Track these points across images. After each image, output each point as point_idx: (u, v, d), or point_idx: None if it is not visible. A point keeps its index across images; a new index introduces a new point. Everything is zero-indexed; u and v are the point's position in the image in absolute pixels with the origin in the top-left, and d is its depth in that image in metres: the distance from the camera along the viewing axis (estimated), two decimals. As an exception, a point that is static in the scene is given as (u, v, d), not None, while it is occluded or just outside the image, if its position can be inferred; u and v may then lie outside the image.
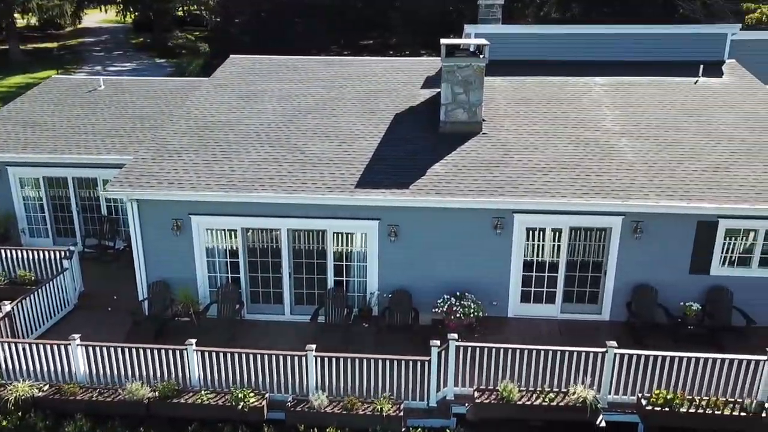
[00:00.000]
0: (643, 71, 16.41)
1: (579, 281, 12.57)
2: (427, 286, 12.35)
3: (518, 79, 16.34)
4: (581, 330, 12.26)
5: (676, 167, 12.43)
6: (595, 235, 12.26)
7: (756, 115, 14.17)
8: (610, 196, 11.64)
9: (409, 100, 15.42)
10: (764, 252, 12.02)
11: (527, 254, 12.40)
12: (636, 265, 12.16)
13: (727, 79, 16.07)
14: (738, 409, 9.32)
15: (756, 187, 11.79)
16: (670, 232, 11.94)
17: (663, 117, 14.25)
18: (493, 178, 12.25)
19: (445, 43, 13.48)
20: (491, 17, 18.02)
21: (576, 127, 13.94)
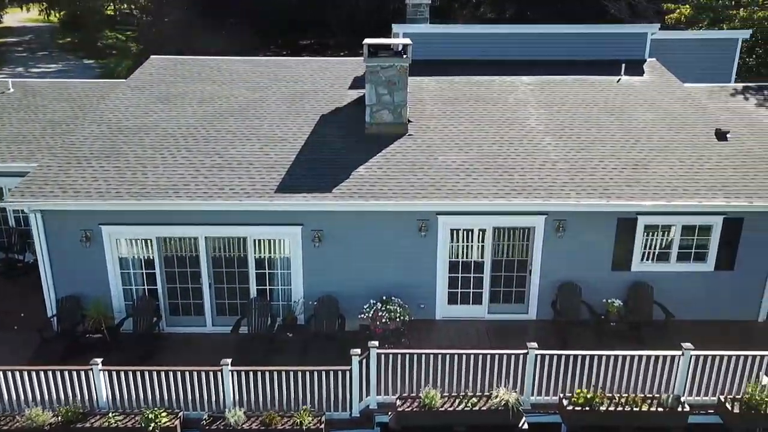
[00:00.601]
0: (569, 70, 16.62)
1: (505, 281, 12.56)
2: (354, 292, 12.07)
3: (446, 78, 16.25)
4: (508, 330, 12.25)
5: (596, 165, 12.57)
6: (519, 234, 12.27)
7: (673, 113, 14.51)
8: (532, 196, 11.65)
9: (336, 101, 15.10)
10: (682, 247, 12.28)
11: (453, 255, 12.30)
12: (560, 264, 12.23)
13: (648, 77, 16.44)
14: (656, 404, 9.43)
15: (672, 184, 12.04)
16: (592, 229, 12.06)
17: (586, 115, 14.43)
18: (416, 180, 12.07)
19: (368, 43, 13.22)
20: (419, 17, 17.92)
21: (501, 126, 13.94)
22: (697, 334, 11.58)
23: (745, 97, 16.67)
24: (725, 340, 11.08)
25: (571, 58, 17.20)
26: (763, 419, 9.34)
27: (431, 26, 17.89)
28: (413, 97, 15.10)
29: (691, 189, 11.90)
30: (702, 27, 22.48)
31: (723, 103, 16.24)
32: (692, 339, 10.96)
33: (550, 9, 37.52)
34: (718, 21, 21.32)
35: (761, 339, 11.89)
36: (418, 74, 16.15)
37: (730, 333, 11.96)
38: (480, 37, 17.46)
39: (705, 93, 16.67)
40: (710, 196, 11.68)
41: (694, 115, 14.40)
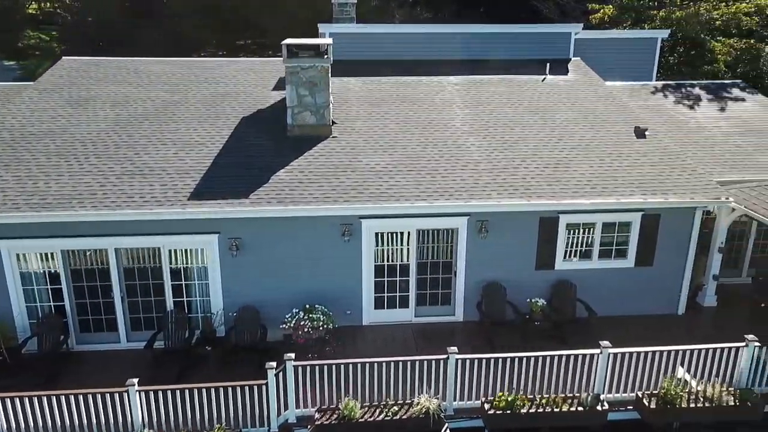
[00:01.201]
0: (497, 70, 16.68)
1: (431, 284, 12.41)
2: (277, 301, 11.68)
3: (373, 79, 16.02)
4: (436, 333, 12.11)
5: (519, 165, 12.58)
6: (444, 236, 12.15)
7: (595, 111, 14.72)
8: (453, 198, 11.53)
9: (259, 102, 14.63)
10: (603, 244, 12.43)
11: (378, 259, 12.06)
12: (484, 264, 12.17)
13: (572, 76, 16.66)
14: (576, 404, 9.43)
15: (592, 182, 12.15)
16: (515, 229, 12.05)
17: (510, 115, 14.46)
18: (339, 183, 11.77)
19: (287, 44, 12.83)
20: (345, 16, 17.63)
21: (426, 127, 13.80)
22: (620, 330, 11.79)
23: (664, 94, 17.13)
24: (647, 335, 11.31)
25: (499, 58, 17.29)
26: (679, 413, 9.48)
27: (358, 26, 17.62)
28: (339, 98, 14.82)
29: (609, 187, 12.05)
30: (626, 27, 23.04)
31: (643, 101, 16.63)
32: (615, 335, 11.10)
33: (485, 9, 37.95)
34: (641, 21, 21.91)
35: (681, 332, 12.16)
36: (344, 75, 15.93)
37: (652, 327, 12.20)
38: (407, 37, 17.33)
39: (626, 91, 17.05)
40: (628, 194, 11.85)
41: (615, 114, 14.64)
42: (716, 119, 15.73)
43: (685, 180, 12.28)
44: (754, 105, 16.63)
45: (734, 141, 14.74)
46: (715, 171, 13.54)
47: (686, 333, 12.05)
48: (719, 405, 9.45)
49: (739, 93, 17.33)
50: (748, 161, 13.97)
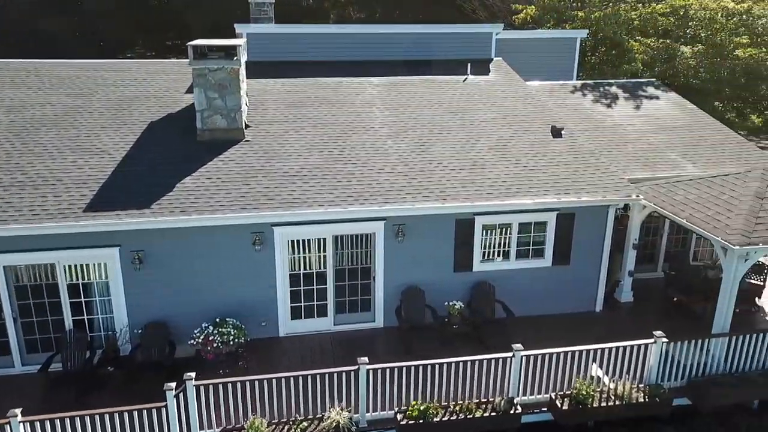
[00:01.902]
0: (419, 70, 16.53)
1: (350, 290, 12.11)
2: (187, 315, 11.13)
3: (293, 80, 15.58)
4: (356, 341, 11.82)
5: (435, 167, 12.43)
6: (361, 241, 11.86)
7: (513, 111, 14.76)
8: (369, 202, 11.26)
9: (169, 106, 13.96)
10: (521, 244, 12.43)
11: (293, 268, 11.67)
12: (403, 268, 11.97)
13: (493, 76, 16.69)
14: (490, 409, 9.31)
15: (506, 182, 12.13)
16: (432, 232, 11.89)
17: (430, 116, 14.32)
18: (249, 189, 11.30)
19: (193, 45, 12.26)
20: (263, 16, 17.11)
21: (344, 130, 13.49)
22: (539, 330, 11.85)
23: (582, 93, 17.39)
24: (566, 334, 11.36)
25: (422, 58, 17.17)
26: (591, 413, 9.51)
27: (276, 26, 17.13)
28: (255, 100, 14.33)
29: (524, 187, 12.05)
30: (549, 27, 23.39)
31: (562, 100, 16.83)
32: (534, 335, 11.23)
33: (418, 10, 38.05)
34: (563, 21, 22.29)
35: (598, 329, 12.28)
36: (262, 76, 15.45)
37: (570, 326, 12.29)
38: (328, 38, 16.96)
39: (546, 91, 17.22)
40: (542, 194, 11.88)
41: (533, 113, 14.72)
42: (631, 117, 16.07)
43: (598, 178, 12.43)
44: (667, 103, 17.10)
45: (647, 138, 15.08)
46: (629, 169, 13.78)
47: (603, 330, 12.15)
48: (629, 402, 9.52)
49: (653, 91, 17.79)
50: (660, 158, 14.30)
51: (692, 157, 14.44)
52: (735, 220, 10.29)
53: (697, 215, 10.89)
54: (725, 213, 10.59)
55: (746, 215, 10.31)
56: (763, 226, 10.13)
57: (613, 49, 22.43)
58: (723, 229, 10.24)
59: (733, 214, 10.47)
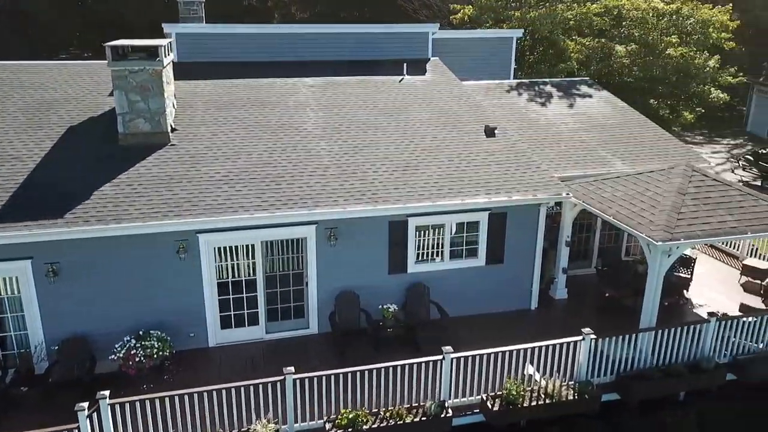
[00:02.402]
0: (356, 70, 16.33)
1: (282, 297, 11.81)
2: (109, 329, 10.62)
3: (224, 82, 15.14)
4: (289, 349, 11.55)
5: (368, 169, 12.26)
6: (292, 246, 11.58)
7: (449, 111, 14.73)
8: (298, 206, 11.00)
9: (91, 109, 13.33)
10: (454, 244, 12.38)
11: (221, 276, 11.29)
12: (336, 273, 11.75)
13: (429, 76, 16.64)
14: (420, 413, 9.19)
15: (439, 183, 12.06)
16: (365, 235, 11.72)
17: (365, 117, 14.14)
18: (172, 196, 10.87)
19: (111, 45, 11.73)
20: (192, 15, 16.58)
21: (276, 132, 13.17)
22: (475, 330, 11.86)
23: (518, 92, 17.54)
24: (501, 333, 11.37)
25: (359, 59, 16.97)
26: (521, 413, 9.51)
27: (207, 26, 16.63)
28: (184, 102, 13.86)
29: (456, 188, 12.00)
30: (488, 26, 23.54)
31: (497, 99, 16.93)
32: (470, 336, 11.28)
33: (362, 10, 37.84)
34: (500, 21, 22.49)
35: (533, 327, 12.36)
36: (192, 77, 14.98)
37: (505, 324, 12.32)
38: (262, 38, 16.58)
39: (482, 90, 17.29)
40: (473, 194, 11.86)
41: (467, 113, 14.73)
42: (564, 116, 16.29)
43: (529, 177, 12.50)
44: (599, 101, 17.41)
45: (580, 136, 15.30)
46: (560, 167, 13.93)
47: (537, 328, 12.25)
48: (559, 400, 9.56)
49: (586, 90, 18.10)
50: (591, 156, 14.52)
51: (622, 154, 14.72)
52: (658, 216, 10.49)
53: (623, 212, 11.06)
54: (649, 209, 10.79)
55: (669, 211, 10.51)
56: (685, 222, 10.35)
57: (550, 49, 22.76)
58: (647, 225, 10.42)
59: (657, 210, 10.67)
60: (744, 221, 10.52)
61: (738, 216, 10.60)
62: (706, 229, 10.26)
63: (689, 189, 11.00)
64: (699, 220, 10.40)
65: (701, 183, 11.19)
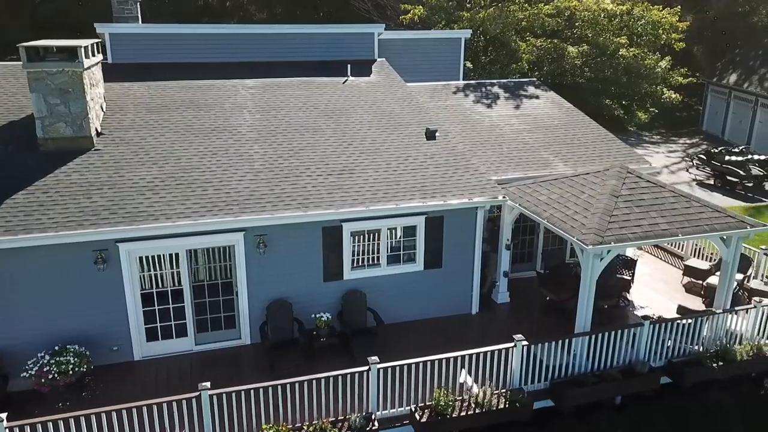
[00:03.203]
0: (300, 71, 15.96)
1: (211, 307, 11.39)
2: (23, 345, 10.06)
3: (160, 84, 14.62)
4: (219, 361, 11.13)
5: (303, 173, 11.91)
6: (220, 254, 11.16)
7: (391, 113, 14.47)
8: (223, 212, 10.60)
9: (13, 113, 12.71)
10: (392, 250, 12.11)
11: (145, 286, 10.81)
12: (269, 281, 11.37)
13: (374, 77, 16.35)
14: (346, 427, 8.88)
15: (374, 187, 11.77)
16: (298, 241, 11.37)
17: (304, 119, 13.78)
18: (90, 204, 10.37)
19: (25, 46, 11.14)
20: (127, 15, 15.99)
21: (208, 135, 12.73)
22: (414, 336, 11.71)
23: (464, 94, 17.38)
24: (440, 339, 11.20)
25: (305, 60, 16.62)
26: (452, 423, 9.25)
27: (143, 26, 16.08)
28: (114, 105, 13.33)
29: (391, 192, 11.73)
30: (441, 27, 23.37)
31: (443, 101, 16.73)
32: (408, 342, 11.14)
33: (318, 10, 37.48)
34: (451, 21, 22.34)
35: (473, 332, 12.16)
36: (127, 79, 14.44)
37: (446, 330, 12.11)
38: (203, 38, 16.08)
39: (428, 92, 17.08)
40: (408, 198, 11.60)
41: (409, 115, 14.48)
42: (509, 117, 16.17)
43: (466, 181, 12.29)
44: (545, 102, 17.35)
45: (523, 138, 15.18)
46: (501, 169, 13.79)
47: (476, 333, 12.08)
48: (489, 409, 9.34)
49: (533, 90, 18.03)
50: (532, 158, 14.40)
51: (564, 155, 14.64)
52: (590, 219, 10.36)
53: (558, 215, 10.92)
54: (582, 212, 10.66)
55: (601, 214, 10.40)
56: (616, 225, 10.24)
57: (503, 50, 22.70)
58: (579, 228, 10.29)
59: (590, 213, 10.54)
60: (676, 223, 10.46)
61: (670, 218, 10.53)
62: (637, 232, 10.16)
63: (622, 191, 10.91)
64: (631, 223, 10.30)
65: (635, 185, 11.11)
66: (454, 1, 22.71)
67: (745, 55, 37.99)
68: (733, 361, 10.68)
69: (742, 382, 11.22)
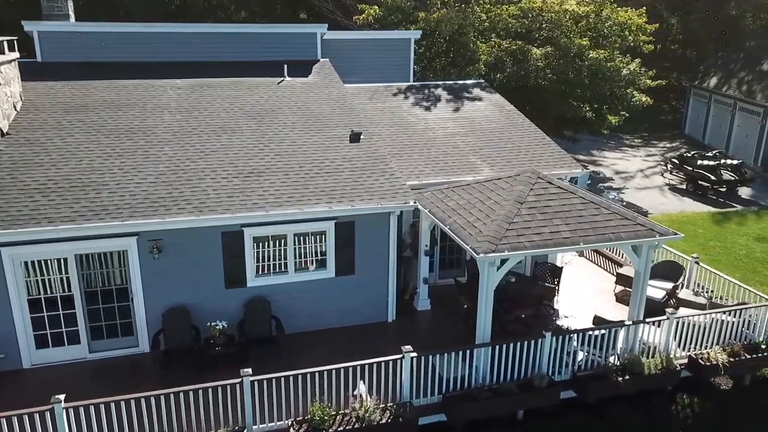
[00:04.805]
0: (238, 71, 15.64)
1: (106, 314, 11.04)
2: None
3: (84, 83, 14.32)
4: (113, 369, 10.78)
5: (208, 175, 11.57)
6: (113, 259, 10.82)
7: (319, 115, 14.11)
8: (111, 216, 10.25)
9: None
10: (300, 256, 11.74)
11: (33, 292, 10.47)
12: (166, 288, 11.02)
13: (312, 78, 16.00)
14: (214, 441, 8.51)
15: (280, 191, 11.41)
16: (196, 247, 11.02)
17: (225, 120, 13.44)
18: (-27, 206, 10.04)
19: None
20: (57, 12, 15.68)
21: (120, 136, 12.41)
22: (322, 344, 11.40)
23: (405, 96, 16.99)
24: (348, 347, 10.86)
25: (245, 59, 16.29)
26: (329, 438, 8.88)
27: (75, 24, 15.78)
28: (31, 104, 13.08)
29: (297, 195, 11.37)
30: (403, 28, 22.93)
31: (381, 103, 16.35)
32: (314, 351, 10.93)
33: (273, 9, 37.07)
34: (409, 22, 21.93)
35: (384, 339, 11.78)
36: (52, 78, 14.17)
37: (357, 338, 11.76)
38: (136, 37, 15.76)
39: (368, 93, 16.71)
40: (313, 202, 11.23)
41: (339, 117, 14.12)
42: (445, 120, 15.77)
43: (380, 185, 11.91)
44: (487, 105, 16.93)
45: (455, 142, 14.77)
46: (424, 173, 13.39)
47: (387, 341, 11.66)
48: (370, 424, 8.95)
49: (478, 93, 17.63)
50: (459, 162, 13.99)
51: (494, 160, 14.23)
52: (489, 226, 9.96)
53: (460, 221, 10.53)
54: (484, 219, 10.26)
55: (500, 221, 10.00)
56: (514, 233, 9.84)
57: (460, 51, 22.25)
58: (475, 236, 9.89)
59: (490, 220, 10.15)
60: (579, 231, 10.04)
61: (574, 226, 10.12)
62: (535, 240, 9.76)
63: (528, 197, 10.50)
64: (530, 231, 9.89)
65: (543, 191, 10.71)
66: (413, 1, 22.28)
67: (727, 57, 37.47)
68: (640, 374, 10.25)
69: (652, 397, 10.78)
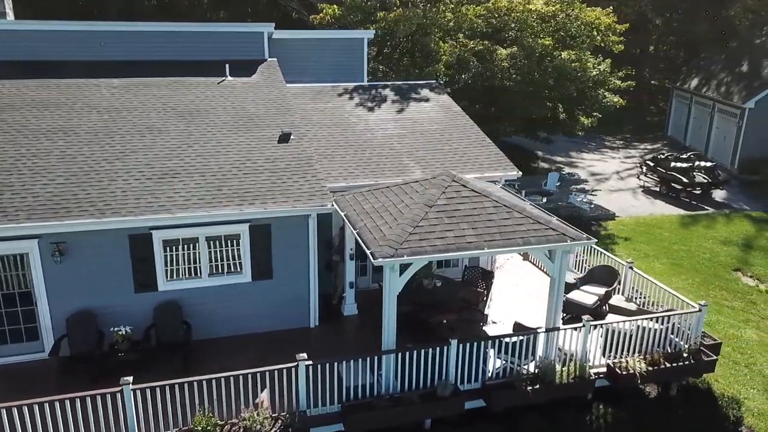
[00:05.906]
0: (181, 71, 15.39)
1: (9, 318, 10.78)
2: None
3: (14, 82, 14.10)
4: (14, 375, 10.51)
5: (119, 177, 11.31)
6: (13, 262, 10.56)
7: (253, 116, 13.86)
8: (8, 218, 10.01)
9: None
10: (213, 259, 11.47)
11: (-71, 296, 10.24)
12: (71, 291, 10.77)
13: (255, 78, 15.74)
14: (91, 452, 8.23)
15: (191, 193, 11.16)
16: (102, 250, 10.76)
17: (153, 120, 13.19)
18: None
19: None
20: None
21: (38, 136, 12.19)
22: (237, 351, 11.07)
23: (350, 96, 16.69)
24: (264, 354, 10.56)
25: (190, 59, 16.04)
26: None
27: (15, 22, 15.57)
28: (-49, 104, 12.81)
29: (209, 197, 11.10)
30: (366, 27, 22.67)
31: (324, 103, 16.06)
32: (225, 358, 10.59)
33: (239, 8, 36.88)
34: (369, 22, 21.66)
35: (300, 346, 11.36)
36: (-11, 77, 13.98)
37: (273, 344, 11.42)
38: (82, 35, 15.50)
39: (311, 94, 16.43)
40: (223, 205, 10.95)
41: (272, 118, 13.86)
42: (386, 121, 15.47)
43: (298, 187, 11.64)
44: (433, 106, 16.63)
45: (391, 143, 14.48)
46: (353, 175, 13.09)
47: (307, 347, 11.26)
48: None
49: (426, 93, 17.32)
50: (391, 164, 13.69)
51: (428, 162, 13.92)
52: (393, 230, 9.67)
53: (369, 225, 10.24)
54: (391, 222, 9.97)
55: (405, 225, 9.70)
56: (417, 236, 9.54)
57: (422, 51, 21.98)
58: (379, 239, 9.59)
59: (396, 224, 9.85)
60: (486, 235, 9.73)
61: (481, 230, 9.81)
62: (437, 245, 9.45)
63: (439, 201, 10.20)
64: (434, 235, 9.59)
65: (455, 194, 10.40)
66: (374, 1, 22.00)
67: (709, 59, 37.06)
68: (551, 383, 9.93)
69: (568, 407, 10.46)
